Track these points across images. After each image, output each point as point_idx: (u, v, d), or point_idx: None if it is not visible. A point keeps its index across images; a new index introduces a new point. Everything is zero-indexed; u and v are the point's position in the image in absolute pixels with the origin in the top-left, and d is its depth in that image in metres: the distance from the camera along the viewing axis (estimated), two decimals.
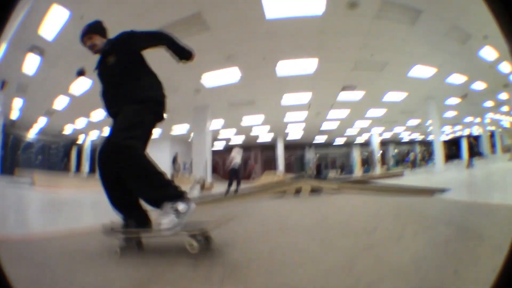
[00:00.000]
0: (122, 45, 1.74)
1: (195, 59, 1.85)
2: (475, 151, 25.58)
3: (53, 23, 5.23)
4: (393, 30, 6.02)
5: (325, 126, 14.48)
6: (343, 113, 12.17)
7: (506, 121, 23.40)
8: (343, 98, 9.85)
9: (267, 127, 14.75)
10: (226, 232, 1.90)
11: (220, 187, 10.00)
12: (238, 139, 18.12)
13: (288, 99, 9.28)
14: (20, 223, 3.32)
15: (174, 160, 15.98)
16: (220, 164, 17.36)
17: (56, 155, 16.82)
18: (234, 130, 15.55)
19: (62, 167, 16.73)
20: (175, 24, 5.14)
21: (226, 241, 1.75)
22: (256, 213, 3.68)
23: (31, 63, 6.98)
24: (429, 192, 4.63)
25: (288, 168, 21.69)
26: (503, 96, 13.21)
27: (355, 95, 9.81)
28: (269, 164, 21.82)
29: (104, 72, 1.80)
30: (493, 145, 23.54)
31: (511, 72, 10.17)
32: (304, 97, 9.29)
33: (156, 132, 1.78)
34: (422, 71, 8.41)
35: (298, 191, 4.86)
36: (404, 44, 6.67)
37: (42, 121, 13.76)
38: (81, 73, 6.35)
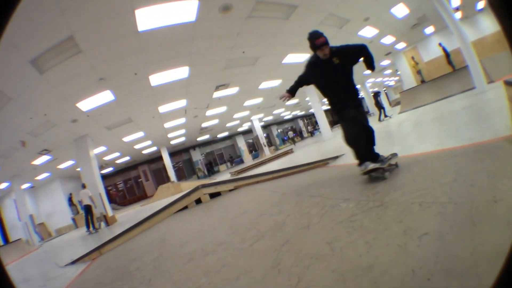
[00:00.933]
0: (346, 54, 2.82)
1: None
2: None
3: None
4: (266, 27, 6.18)
5: (205, 125, 14.72)
6: (221, 109, 12.57)
7: (391, 81, 30.16)
8: (218, 96, 10.06)
9: (149, 142, 14.51)
10: None
11: (122, 217, 9.78)
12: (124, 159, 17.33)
13: (164, 109, 9.12)
14: None
15: (70, 201, 14.48)
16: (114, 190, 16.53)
17: None
18: (117, 153, 14.81)
19: None
20: (48, 52, 4.39)
21: None
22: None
23: None
24: (323, 163, 4.61)
25: (179, 174, 21.94)
26: (385, 62, 16.59)
27: (230, 91, 10.09)
28: (160, 175, 21.51)
29: (330, 70, 2.76)
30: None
31: (392, 42, 12.45)
32: (179, 104, 9.25)
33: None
34: (296, 57, 8.93)
35: (199, 201, 4.76)
36: (276, 38, 6.92)
37: None
38: None
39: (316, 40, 2.68)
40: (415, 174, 2.33)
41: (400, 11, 9.30)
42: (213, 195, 4.80)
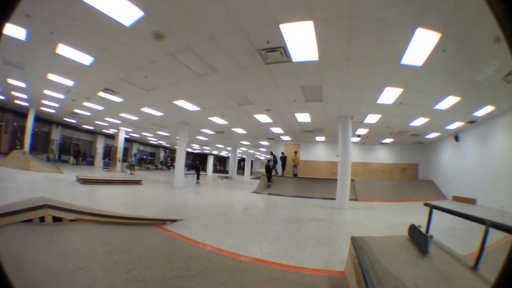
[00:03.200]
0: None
1: None
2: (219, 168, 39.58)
3: None
4: (179, 70, 6.54)
5: (77, 111, 14.60)
6: (98, 107, 12.56)
7: (262, 156, 34.94)
8: (102, 96, 10.10)
9: (25, 96, 12.80)
10: None
11: None
12: None
13: (52, 77, 8.65)
14: None
15: None
16: None
17: None
18: None
19: None
20: None
21: None
22: None
23: None
24: (159, 222, 4.50)
25: (34, 144, 19.24)
26: (265, 142, 18.85)
27: (114, 98, 10.21)
28: (18, 134, 18.23)
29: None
30: (242, 168, 37.26)
31: (280, 133, 14.51)
32: (66, 82, 9.01)
33: None
34: (187, 105, 9.71)
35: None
36: (182, 83, 7.47)
37: None
38: None
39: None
40: None
41: (304, 117, 10.42)
42: (56, 218, 4.04)
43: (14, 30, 5.85)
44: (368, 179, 14.81)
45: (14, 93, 12.41)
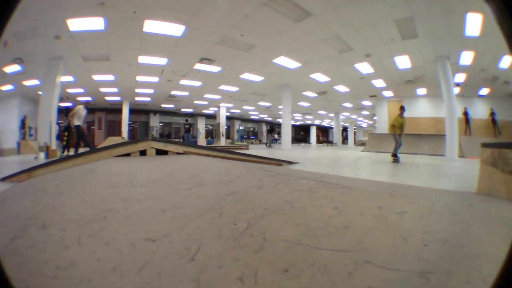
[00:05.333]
0: None
1: None
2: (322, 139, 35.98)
3: None
4: (275, 21, 6.14)
5: (174, 93, 14.49)
6: (195, 83, 12.30)
7: (364, 122, 32.81)
8: (199, 69, 9.86)
9: (116, 89, 13.79)
10: None
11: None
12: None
13: (143, 60, 8.72)
14: None
15: (23, 124, 13.41)
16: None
17: None
18: (82, 89, 13.77)
19: None
20: None
21: None
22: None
23: None
24: (277, 162, 4.71)
25: (132, 134, 20.97)
26: (367, 103, 17.33)
27: (212, 68, 9.84)
28: (113, 128, 20.18)
29: None
30: (346, 138, 34.72)
31: (382, 87, 13.11)
32: (160, 61, 8.92)
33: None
34: (287, 62, 9.07)
35: (143, 153, 4.26)
36: (279, 35, 6.92)
37: None
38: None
39: None
40: None
41: (403, 62, 9.43)
42: (159, 152, 4.26)
43: (89, 22, 6.25)
44: (473, 137, 12.79)
45: (103, 90, 13.28)
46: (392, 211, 1.31)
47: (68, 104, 17.04)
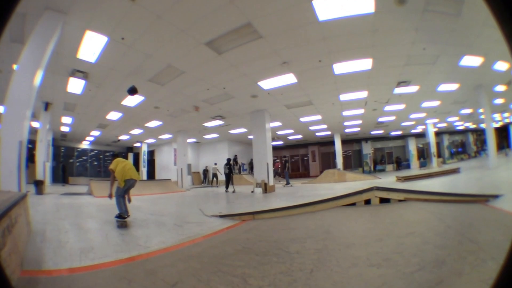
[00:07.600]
0: None
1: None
2: None
3: (92, 46, 5.54)
4: (441, 22, 5.69)
5: (381, 120, 14.39)
6: (399, 107, 12.05)
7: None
8: (399, 92, 9.79)
9: (324, 126, 15.02)
10: None
11: (281, 189, 10.67)
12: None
13: (344, 97, 9.22)
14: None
15: (235, 161, 17.06)
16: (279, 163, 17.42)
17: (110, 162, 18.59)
18: (291, 130, 16.07)
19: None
20: (227, 34, 5.24)
21: None
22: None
23: (75, 85, 7.51)
24: (483, 198, 4.14)
25: (346, 163, 21.59)
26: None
27: (410, 89, 9.72)
28: (327, 159, 22.32)
29: None
30: None
31: None
32: (360, 95, 9.24)
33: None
34: (470, 60, 7.95)
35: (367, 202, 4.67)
36: (452, 35, 6.27)
37: (94, 133, 15.10)
38: (133, 91, 6.85)
39: None
40: None
41: None
42: (382, 200, 4.68)
43: (284, 79, 7.46)
44: None
45: (311, 128, 15.13)
46: None
47: (280, 142, 21.37)
